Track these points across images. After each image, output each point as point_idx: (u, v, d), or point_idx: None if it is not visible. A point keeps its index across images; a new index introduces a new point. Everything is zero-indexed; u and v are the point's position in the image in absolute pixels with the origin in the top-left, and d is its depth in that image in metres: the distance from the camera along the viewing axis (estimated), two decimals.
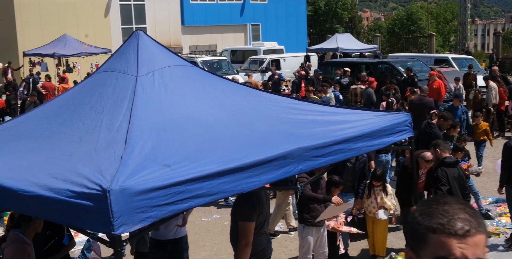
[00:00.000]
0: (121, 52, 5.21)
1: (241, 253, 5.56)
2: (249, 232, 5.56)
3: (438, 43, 52.76)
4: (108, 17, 36.79)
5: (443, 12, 65.51)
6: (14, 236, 5.55)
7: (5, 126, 5.24)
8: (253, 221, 5.59)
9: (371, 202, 8.41)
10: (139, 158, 3.88)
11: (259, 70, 28.77)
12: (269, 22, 44.83)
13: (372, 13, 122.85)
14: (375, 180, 8.36)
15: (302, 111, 5.32)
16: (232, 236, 5.94)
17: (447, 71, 22.72)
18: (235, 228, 5.80)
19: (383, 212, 8.29)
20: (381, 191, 8.36)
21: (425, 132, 10.93)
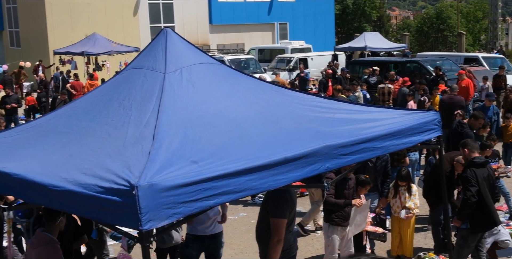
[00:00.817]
0: (149, 50, 5.26)
1: (273, 249, 5.57)
2: (281, 229, 5.58)
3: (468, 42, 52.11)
4: (137, 16, 37.07)
5: (474, 10, 64.66)
6: (43, 237, 5.51)
7: (36, 122, 5.32)
8: (285, 218, 5.62)
9: (396, 202, 8.36)
10: (167, 154, 3.91)
11: (286, 69, 28.74)
12: (297, 20, 44.70)
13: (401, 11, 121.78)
14: (400, 180, 8.29)
15: (329, 109, 5.30)
16: (260, 233, 5.94)
17: (477, 70, 22.41)
18: (263, 225, 5.80)
19: (405, 212, 8.23)
20: (406, 191, 8.30)
21: (457, 132, 10.79)
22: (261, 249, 5.98)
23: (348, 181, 7.45)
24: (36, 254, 5.43)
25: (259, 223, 5.94)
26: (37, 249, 5.43)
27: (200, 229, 6.87)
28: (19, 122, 18.19)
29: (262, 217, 5.89)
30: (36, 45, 34.17)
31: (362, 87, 17.96)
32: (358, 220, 7.54)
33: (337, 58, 30.61)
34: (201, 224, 6.86)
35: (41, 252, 5.39)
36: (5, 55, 37.20)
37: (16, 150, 4.69)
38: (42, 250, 5.40)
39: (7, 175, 4.19)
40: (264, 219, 5.81)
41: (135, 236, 3.73)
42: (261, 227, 5.87)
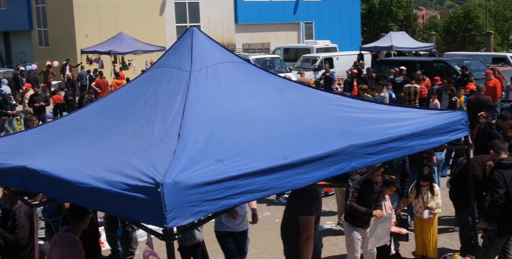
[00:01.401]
0: (175, 48, 5.28)
1: (303, 247, 5.60)
2: (310, 226, 5.60)
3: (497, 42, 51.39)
4: (163, 15, 37.30)
5: (502, 9, 63.72)
6: (66, 236, 5.55)
7: (63, 120, 5.38)
8: (313, 215, 5.64)
9: (418, 202, 8.28)
10: (192, 153, 3.92)
11: (311, 69, 28.66)
12: (323, 20, 44.55)
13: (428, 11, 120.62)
14: (422, 180, 8.20)
15: (354, 108, 5.28)
16: (285, 232, 5.95)
17: (506, 70, 22.12)
18: (289, 223, 5.81)
19: (428, 212, 8.15)
20: (428, 191, 8.22)
21: (485, 132, 10.64)
22: (286, 247, 5.98)
23: (374, 184, 7.37)
24: (59, 253, 5.48)
25: (285, 221, 5.95)
26: (60, 248, 5.47)
27: (231, 226, 7.05)
28: (47, 120, 18.43)
29: (288, 215, 5.90)
30: (64, 44, 34.58)
31: (388, 87, 17.85)
32: (379, 233, 7.48)
33: (362, 58, 30.45)
34: (231, 221, 7.02)
35: (64, 252, 5.43)
36: (34, 54, 37.76)
37: (43, 147, 4.76)
38: (64, 250, 5.44)
39: (35, 172, 4.24)
40: (290, 218, 5.81)
41: (160, 234, 3.75)
42: (287, 226, 5.88)
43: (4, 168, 4.55)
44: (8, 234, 6.64)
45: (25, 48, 40.04)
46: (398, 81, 20.38)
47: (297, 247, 5.68)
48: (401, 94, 18.57)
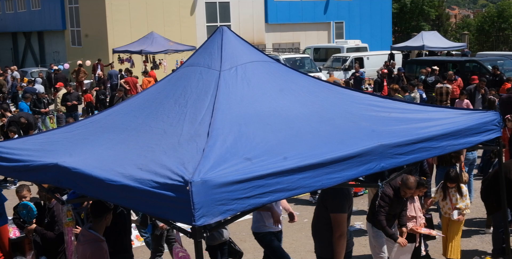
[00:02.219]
0: (205, 47, 5.31)
1: (336, 244, 5.61)
2: (342, 223, 5.62)
3: None
4: (194, 15, 37.49)
5: None
6: (88, 234, 5.60)
7: (94, 118, 5.45)
8: (345, 212, 5.64)
9: (446, 204, 8.17)
10: (221, 151, 3.94)
11: (342, 68, 28.53)
12: (353, 19, 44.31)
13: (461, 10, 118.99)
14: (449, 182, 8.09)
15: (384, 108, 5.24)
16: (316, 229, 5.95)
17: None
18: (321, 221, 5.81)
19: (457, 213, 8.04)
20: (456, 192, 8.10)
21: None
22: (317, 245, 6.00)
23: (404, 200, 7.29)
24: (82, 250, 5.55)
25: (316, 219, 5.95)
26: (83, 246, 5.54)
27: (272, 226, 7.08)
28: (79, 119, 18.68)
29: (319, 213, 5.90)
30: (96, 43, 35.00)
31: (419, 87, 17.67)
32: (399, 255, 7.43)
33: (393, 58, 30.20)
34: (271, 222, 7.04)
35: (86, 249, 5.50)
36: (67, 54, 38.30)
37: (75, 145, 4.83)
38: (87, 248, 5.51)
39: (66, 169, 4.31)
40: (322, 215, 5.81)
41: (188, 232, 3.77)
42: (319, 223, 5.88)
43: (37, 165, 4.63)
44: (47, 231, 6.77)
45: (58, 47, 40.65)
46: (430, 81, 20.16)
47: (329, 245, 5.69)
48: (432, 94, 18.37)
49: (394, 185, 7.14)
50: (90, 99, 21.65)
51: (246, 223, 10.27)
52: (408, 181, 7.06)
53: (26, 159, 4.79)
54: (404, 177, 7.11)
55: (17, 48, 47.22)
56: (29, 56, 45.28)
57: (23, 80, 28.23)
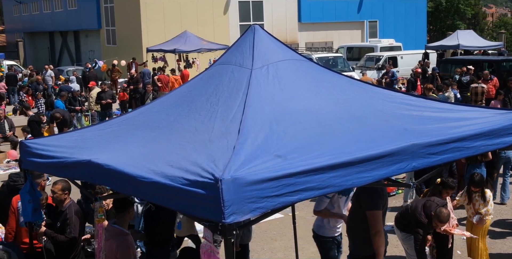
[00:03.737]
0: (237, 46, 5.33)
1: (374, 241, 5.60)
2: (378, 220, 5.59)
3: None
4: (227, 14, 37.64)
5: None
6: (113, 229, 5.69)
7: (128, 116, 5.52)
8: (380, 210, 5.61)
9: (470, 208, 8.03)
10: (251, 149, 3.95)
11: (375, 68, 28.32)
12: (387, 18, 43.94)
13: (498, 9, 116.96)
14: (473, 186, 7.93)
15: (417, 107, 5.17)
16: (351, 227, 5.93)
17: None
18: (356, 219, 5.79)
19: (477, 217, 7.90)
20: (480, 198, 7.94)
21: None
22: (351, 242, 5.99)
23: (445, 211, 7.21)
24: (108, 246, 5.63)
25: (351, 217, 5.93)
26: (109, 241, 5.63)
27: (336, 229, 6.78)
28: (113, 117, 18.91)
29: (354, 211, 5.89)
30: (131, 43, 35.39)
31: (453, 87, 17.45)
32: None
33: (428, 57, 29.85)
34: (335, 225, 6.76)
35: (112, 244, 5.59)
36: (102, 53, 38.81)
37: (108, 142, 4.89)
38: (113, 242, 5.59)
39: (99, 166, 4.37)
40: (356, 214, 5.79)
41: (218, 229, 3.79)
42: (353, 222, 5.87)
43: (71, 162, 4.71)
44: (57, 235, 6.59)
45: (94, 46, 41.23)
46: (465, 80, 19.89)
47: (363, 243, 5.68)
48: (467, 94, 18.11)
49: (428, 213, 7.02)
50: (125, 98, 21.94)
51: (277, 222, 10.28)
52: (441, 214, 6.90)
53: (61, 155, 4.88)
54: (438, 210, 6.96)
55: (53, 47, 48.06)
56: (65, 55, 46.04)
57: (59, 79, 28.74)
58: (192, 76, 24.36)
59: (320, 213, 6.57)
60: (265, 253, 9.07)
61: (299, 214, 9.99)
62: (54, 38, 47.79)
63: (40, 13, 47.47)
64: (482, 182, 7.97)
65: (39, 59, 47.85)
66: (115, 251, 5.53)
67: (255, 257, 8.96)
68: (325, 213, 6.53)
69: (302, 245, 8.83)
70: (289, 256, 8.77)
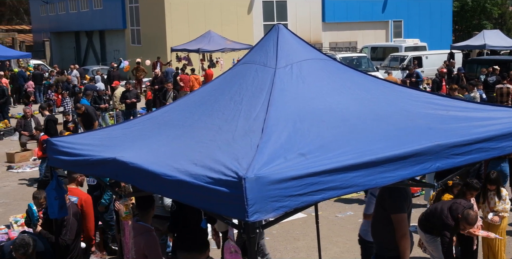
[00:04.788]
0: (261, 45, 5.34)
1: (400, 244, 5.56)
2: (403, 223, 5.54)
3: None
4: (251, 14, 37.68)
5: None
6: (138, 226, 5.77)
7: (152, 115, 5.57)
8: (405, 212, 5.56)
9: (485, 207, 7.92)
10: (275, 147, 3.95)
11: (399, 68, 28.12)
12: (412, 18, 43.59)
13: None
14: (489, 184, 7.82)
15: (442, 106, 5.13)
16: (376, 229, 5.89)
17: None
18: (381, 221, 5.75)
19: (492, 214, 7.79)
20: (495, 196, 7.83)
21: None
22: (376, 243, 5.96)
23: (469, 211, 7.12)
24: (134, 243, 5.70)
25: (375, 219, 5.89)
26: (136, 239, 5.70)
27: None
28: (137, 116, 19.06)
29: (378, 214, 5.85)
30: (155, 42, 35.62)
31: (479, 87, 17.26)
32: None
33: (453, 57, 29.55)
34: None
35: (139, 241, 5.66)
36: (127, 52, 39.12)
37: (133, 140, 4.94)
38: (140, 239, 5.67)
39: (124, 164, 4.42)
40: (380, 216, 5.75)
41: (242, 227, 3.81)
42: (378, 224, 5.83)
43: (96, 160, 4.76)
44: (52, 236, 6.56)
45: (119, 46, 41.57)
46: (491, 81, 19.66)
47: (388, 245, 5.64)
48: (493, 94, 17.90)
49: (455, 215, 6.95)
50: (151, 97, 22.19)
51: (300, 222, 10.28)
52: (469, 216, 6.84)
53: (86, 153, 4.93)
54: (465, 212, 6.89)
55: (79, 46, 48.56)
56: (91, 54, 46.49)
57: (85, 78, 29.05)
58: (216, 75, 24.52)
59: (369, 217, 6.41)
60: (288, 253, 9.07)
61: (322, 214, 9.97)
62: (80, 37, 48.29)
63: (67, 13, 47.98)
64: (498, 180, 7.87)
65: (65, 58, 48.38)
66: (143, 248, 5.60)
67: (278, 256, 8.97)
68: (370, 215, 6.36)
69: (325, 245, 8.83)
70: (312, 256, 8.76)
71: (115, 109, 20.33)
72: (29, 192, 11.38)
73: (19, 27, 61.55)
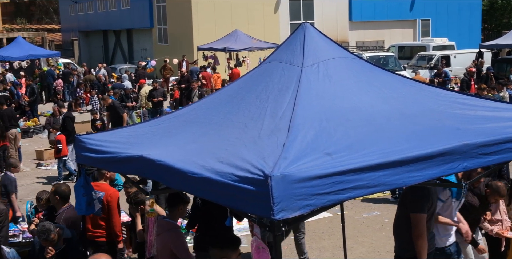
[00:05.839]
0: (288, 44, 5.33)
1: (415, 244, 5.52)
2: (420, 224, 5.49)
3: None
4: (278, 13, 37.66)
5: None
6: (165, 223, 5.83)
7: (178, 113, 5.60)
8: (424, 213, 5.50)
9: (511, 209, 7.77)
10: (301, 146, 3.95)
11: (427, 67, 27.87)
12: (440, 17, 43.14)
13: None
14: None
15: (470, 106, 5.07)
16: (396, 228, 5.86)
17: None
18: (401, 220, 5.72)
19: None
20: None
21: None
22: (396, 243, 5.91)
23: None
24: (160, 240, 5.74)
25: (397, 218, 5.87)
26: (161, 236, 5.74)
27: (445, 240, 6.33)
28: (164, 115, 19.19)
29: (400, 212, 5.82)
30: (182, 41, 35.81)
31: (508, 87, 17.02)
32: None
33: (482, 56, 29.15)
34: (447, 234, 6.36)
35: (165, 238, 5.70)
36: (154, 51, 39.40)
37: (160, 138, 4.98)
38: (166, 236, 5.71)
39: (151, 161, 4.45)
40: (402, 215, 5.72)
41: (267, 225, 3.81)
42: (399, 222, 5.80)
43: (123, 157, 4.81)
44: None
45: (146, 45, 41.90)
46: None
47: (407, 245, 5.60)
48: None
49: (477, 192, 6.87)
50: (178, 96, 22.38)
51: (325, 221, 10.26)
52: (500, 188, 6.74)
53: (113, 151, 4.98)
54: (494, 185, 6.78)
55: (107, 45, 49.04)
56: (119, 53, 46.93)
57: (112, 77, 29.35)
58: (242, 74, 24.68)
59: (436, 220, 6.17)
60: (313, 252, 9.06)
61: (348, 214, 9.93)
62: (107, 36, 48.77)
63: (95, 12, 48.50)
64: None
65: (93, 57, 48.90)
66: (170, 245, 5.65)
67: None
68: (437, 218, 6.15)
69: (350, 245, 8.80)
70: (338, 255, 8.74)
71: (141, 107, 20.49)
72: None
73: (48, 27, 62.39)
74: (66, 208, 6.83)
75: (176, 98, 22.49)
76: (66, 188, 6.97)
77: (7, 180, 9.49)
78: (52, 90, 28.16)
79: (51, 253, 5.93)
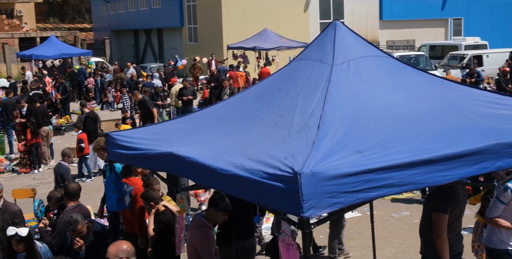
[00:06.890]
0: (318, 41, 5.32)
1: (436, 245, 5.47)
2: (441, 224, 5.41)
3: None
4: (307, 12, 37.56)
5: None
6: (198, 220, 5.91)
7: (208, 110, 5.63)
8: (446, 213, 5.42)
9: None
10: (331, 143, 3.94)
11: (459, 66, 27.52)
12: (473, 16, 42.55)
13: None
14: None
15: (504, 105, 4.99)
16: (421, 227, 5.81)
17: None
18: (427, 219, 5.67)
19: None
20: None
21: None
22: (422, 244, 5.85)
23: None
24: (190, 235, 5.85)
25: (423, 218, 5.81)
26: (191, 231, 5.82)
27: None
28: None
29: (425, 212, 5.76)
30: (212, 40, 35.94)
31: None
32: None
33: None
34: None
35: (194, 234, 5.79)
36: (184, 50, 39.62)
37: (189, 135, 5.01)
38: (196, 232, 5.80)
39: (181, 158, 4.48)
40: (427, 215, 5.67)
41: (297, 222, 3.81)
42: (425, 222, 5.74)
43: (154, 154, 4.85)
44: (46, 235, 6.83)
45: (176, 44, 42.15)
46: None
47: (432, 245, 5.54)
48: None
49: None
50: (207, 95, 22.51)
51: (354, 220, 10.20)
52: None
53: (144, 147, 5.03)
54: None
55: (138, 44, 49.48)
56: (149, 52, 47.30)
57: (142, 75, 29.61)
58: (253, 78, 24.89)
59: (491, 220, 6.09)
60: None
61: (377, 214, 9.87)
62: (138, 35, 49.20)
63: (126, 11, 48.95)
64: None
65: (124, 56, 49.38)
66: (196, 241, 5.70)
67: None
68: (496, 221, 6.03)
69: (379, 245, 8.73)
70: (366, 255, 8.69)
71: (171, 106, 20.63)
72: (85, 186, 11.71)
73: (80, 26, 63.21)
74: (71, 207, 6.89)
75: (205, 97, 22.59)
76: (75, 186, 7.02)
77: (63, 169, 9.98)
78: (83, 88, 28.51)
79: (78, 244, 6.07)
